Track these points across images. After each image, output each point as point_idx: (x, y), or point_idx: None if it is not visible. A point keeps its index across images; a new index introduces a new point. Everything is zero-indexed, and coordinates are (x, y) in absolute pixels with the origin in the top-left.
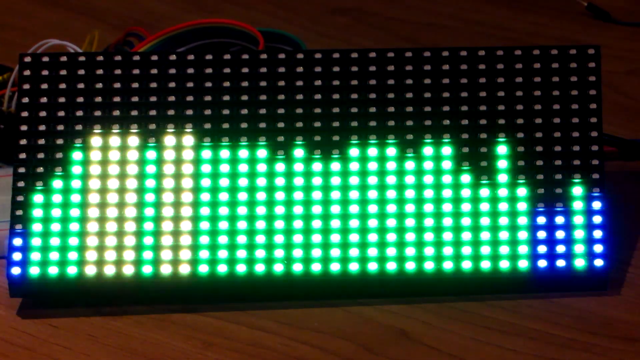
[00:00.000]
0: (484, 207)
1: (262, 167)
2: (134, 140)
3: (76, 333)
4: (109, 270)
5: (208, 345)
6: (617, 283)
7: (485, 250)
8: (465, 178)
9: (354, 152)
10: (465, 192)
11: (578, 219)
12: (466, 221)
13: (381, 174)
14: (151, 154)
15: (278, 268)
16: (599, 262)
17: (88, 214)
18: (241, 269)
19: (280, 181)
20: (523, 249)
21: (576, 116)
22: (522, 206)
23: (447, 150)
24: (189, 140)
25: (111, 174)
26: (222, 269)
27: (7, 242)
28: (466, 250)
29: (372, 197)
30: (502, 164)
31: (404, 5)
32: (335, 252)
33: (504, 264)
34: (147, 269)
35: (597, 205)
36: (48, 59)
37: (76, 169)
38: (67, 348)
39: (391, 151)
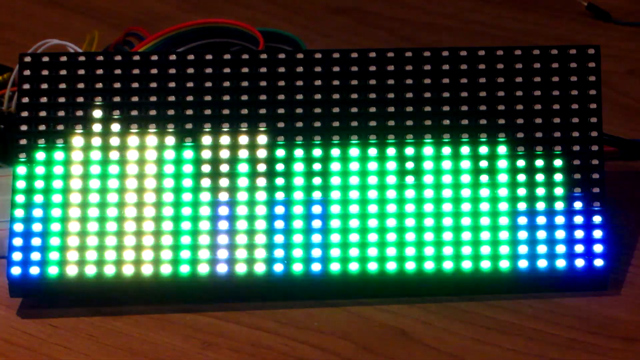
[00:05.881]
0: (484, 207)
1: (261, 167)
2: (134, 140)
3: (76, 333)
4: (109, 270)
5: (208, 345)
6: (617, 283)
7: (485, 250)
8: (465, 178)
9: (353, 152)
10: (465, 192)
11: (578, 219)
12: (466, 221)
13: (381, 173)
14: (151, 154)
15: (278, 268)
16: (599, 262)
17: (88, 214)
18: (241, 268)
19: (280, 181)
20: (523, 249)
21: (576, 116)
22: (522, 206)
23: (447, 150)
24: (188, 140)
25: (111, 174)
26: (221, 268)
27: (7, 242)
28: (466, 250)
29: (372, 197)
30: (502, 164)
31: (404, 5)
32: (335, 252)
33: (504, 264)
34: (147, 269)
35: (597, 205)
36: (48, 59)
37: (76, 169)
38: (67, 348)
39: (391, 151)
